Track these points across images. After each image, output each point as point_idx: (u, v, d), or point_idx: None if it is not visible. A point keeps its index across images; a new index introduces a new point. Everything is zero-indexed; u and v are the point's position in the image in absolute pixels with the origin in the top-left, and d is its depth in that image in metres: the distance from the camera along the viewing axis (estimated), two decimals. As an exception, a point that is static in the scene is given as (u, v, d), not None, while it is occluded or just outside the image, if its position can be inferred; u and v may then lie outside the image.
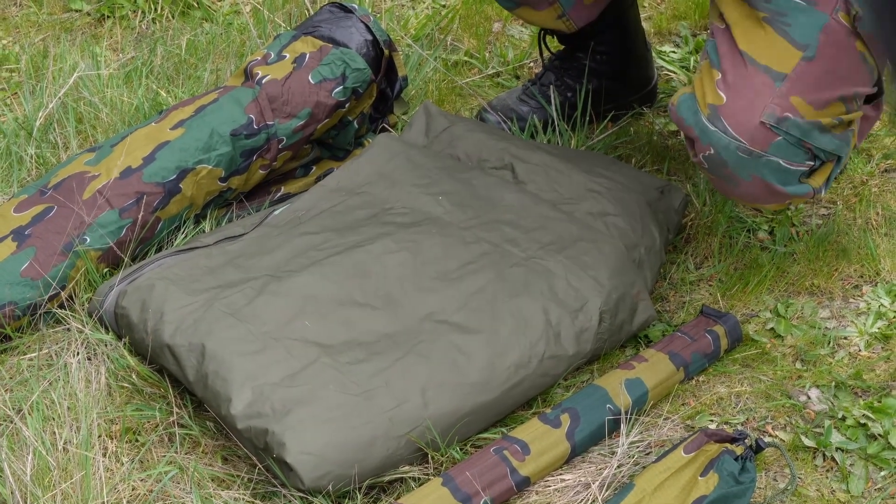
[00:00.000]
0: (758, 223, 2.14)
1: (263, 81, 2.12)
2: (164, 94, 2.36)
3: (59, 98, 2.25)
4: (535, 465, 1.67)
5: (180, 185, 1.99)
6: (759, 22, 1.82)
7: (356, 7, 2.25)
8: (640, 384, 1.78)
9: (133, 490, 1.68)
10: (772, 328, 1.95)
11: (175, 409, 1.76)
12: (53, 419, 1.70)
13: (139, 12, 2.69)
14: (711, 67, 1.83)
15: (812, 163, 1.81)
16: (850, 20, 1.80)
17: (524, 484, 1.66)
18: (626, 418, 1.74)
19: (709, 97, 1.80)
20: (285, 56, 2.17)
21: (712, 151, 1.80)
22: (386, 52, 2.24)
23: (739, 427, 1.78)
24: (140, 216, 1.95)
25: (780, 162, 1.78)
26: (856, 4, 1.78)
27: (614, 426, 1.75)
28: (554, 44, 2.35)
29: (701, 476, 1.64)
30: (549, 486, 1.70)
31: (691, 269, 2.07)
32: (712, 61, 1.83)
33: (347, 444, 1.63)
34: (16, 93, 2.46)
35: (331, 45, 2.19)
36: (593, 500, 1.67)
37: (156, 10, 2.68)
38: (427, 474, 1.68)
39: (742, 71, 1.80)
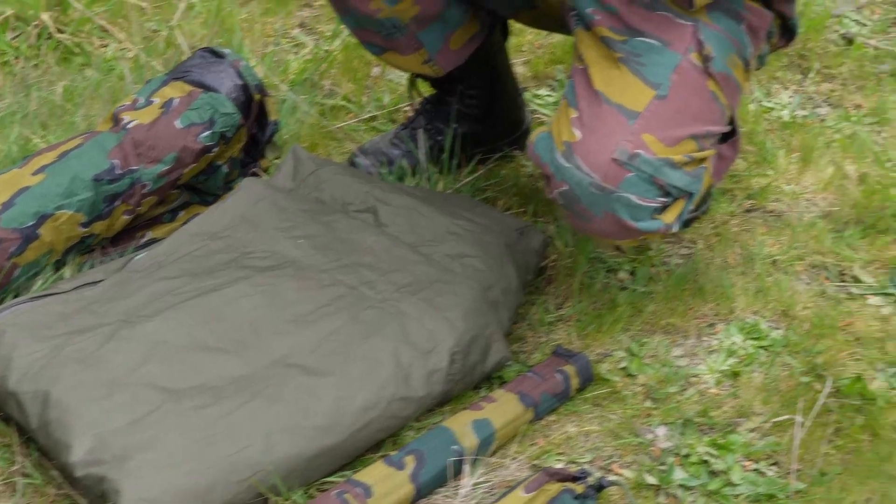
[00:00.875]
0: (619, 263, 2.18)
1: (129, 126, 2.13)
2: (37, 140, 2.37)
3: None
4: None
5: (39, 231, 2.00)
6: (615, 62, 1.86)
7: (228, 52, 2.27)
8: (488, 424, 1.80)
9: (-26, 539, 1.67)
10: (624, 367, 1.98)
11: (19, 458, 1.75)
12: None
13: (21, 58, 2.70)
14: (568, 106, 1.87)
15: (664, 199, 1.85)
16: (702, 60, 1.84)
17: None
18: (471, 459, 1.76)
19: (564, 135, 1.84)
20: (154, 101, 2.19)
21: (567, 187, 1.84)
22: (257, 96, 2.27)
23: (586, 466, 1.81)
24: (-4, 262, 1.96)
25: (632, 198, 1.82)
26: (707, 44, 1.83)
27: (460, 467, 1.76)
28: (426, 87, 2.39)
29: (539, 515, 1.66)
30: (393, 529, 1.71)
31: (551, 309, 2.09)
32: (569, 101, 1.87)
33: (186, 489, 1.64)
34: None
35: (200, 90, 2.21)
36: (434, 542, 1.69)
37: (38, 55, 2.69)
38: (271, 518, 1.69)
39: (596, 109, 1.84)
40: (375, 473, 1.71)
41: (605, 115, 1.83)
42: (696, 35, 1.86)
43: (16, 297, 1.99)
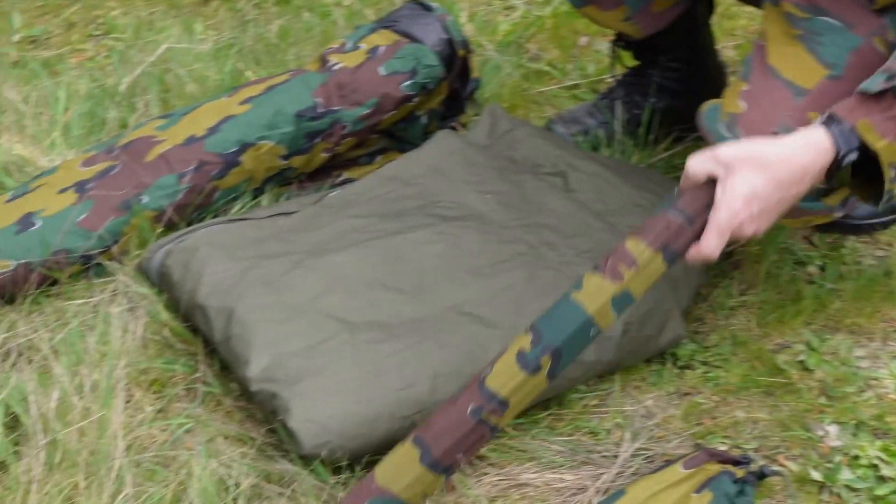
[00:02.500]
0: (809, 257, 2.13)
1: (335, 68, 2.19)
2: (249, 73, 2.45)
3: (146, 66, 2.35)
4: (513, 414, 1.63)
5: (240, 158, 2.07)
6: (793, 39, 1.82)
7: (436, 6, 2.30)
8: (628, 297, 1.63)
9: (150, 437, 1.75)
10: (802, 360, 1.94)
11: (202, 368, 1.83)
12: (85, 362, 1.79)
13: (244, -3, 2.80)
14: (741, 80, 1.84)
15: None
16: (885, 46, 1.78)
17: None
18: (631, 428, 1.76)
19: (730, 106, 1.81)
20: (361, 46, 2.24)
21: None
22: (461, 52, 2.29)
23: (750, 452, 1.78)
24: (198, 183, 2.04)
25: None
26: (892, 32, 1.77)
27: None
28: (629, 59, 2.37)
29: (695, 493, 1.65)
30: (550, 485, 1.73)
31: (734, 294, 2.06)
32: (743, 74, 1.85)
33: (351, 417, 1.68)
34: (119, 59, 2.57)
35: (406, 40, 2.25)
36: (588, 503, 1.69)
37: (259, -4, 2.79)
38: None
39: (766, 84, 1.80)
40: (509, 380, 1.61)
41: (772, 90, 1.79)
42: (882, 21, 1.80)
43: (214, 217, 2.07)
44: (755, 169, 1.60)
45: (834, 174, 1.63)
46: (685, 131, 2.34)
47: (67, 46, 2.62)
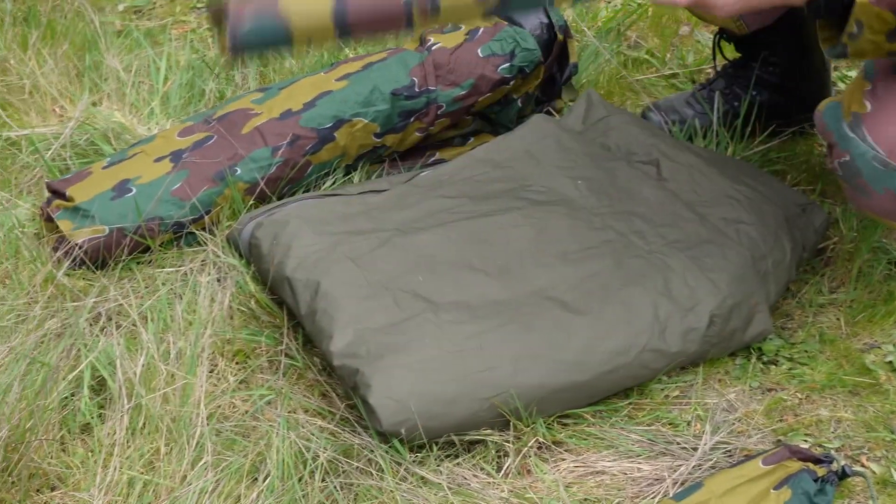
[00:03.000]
0: (905, 256, 2.08)
1: (433, 48, 2.19)
2: (348, 51, 2.46)
3: (246, 40, 2.38)
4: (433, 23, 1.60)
5: (335, 134, 2.09)
6: None
7: (536, -11, 2.29)
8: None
9: (232, 407, 1.78)
10: (890, 361, 1.90)
11: (286, 340, 1.85)
12: (172, 329, 1.82)
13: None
14: (864, 79, 1.80)
15: None
16: None
17: None
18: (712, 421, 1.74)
19: (854, 105, 1.78)
20: (461, 27, 2.24)
21: (848, 158, 1.78)
22: (560, 36, 2.28)
23: (832, 452, 1.75)
24: (291, 157, 2.06)
25: None
26: None
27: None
28: (731, 51, 2.34)
29: (774, 489, 1.63)
30: (626, 474, 1.72)
31: (824, 291, 2.03)
32: (867, 73, 1.81)
33: (431, 396, 1.69)
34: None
35: (506, 23, 2.25)
36: (664, 494, 1.67)
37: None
38: (507, 440, 1.72)
39: (892, 84, 1.77)
40: None
41: None
42: None
43: (306, 192, 2.09)
44: None
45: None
46: (782, 126, 2.31)
47: (170, 17, 2.66)
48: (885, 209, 1.79)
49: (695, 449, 1.73)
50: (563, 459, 1.73)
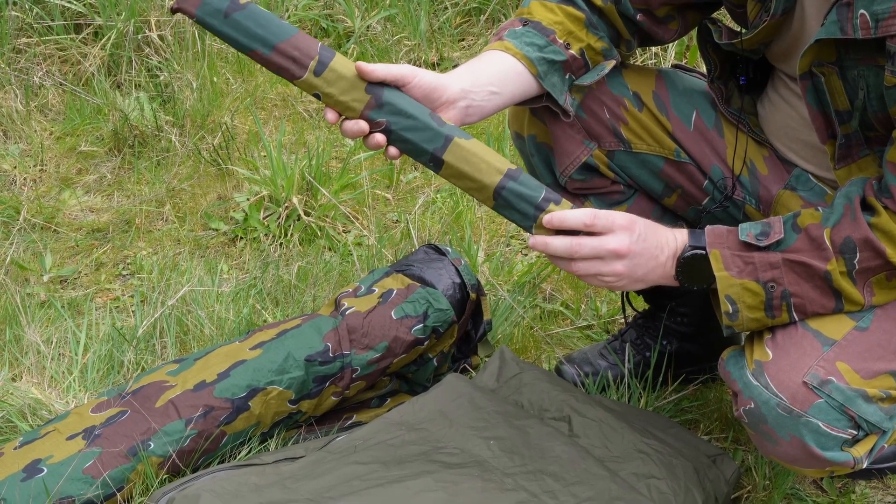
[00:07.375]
0: (818, 504, 2.10)
1: (347, 312, 2.24)
2: (267, 315, 2.51)
3: (166, 309, 2.42)
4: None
5: (249, 403, 2.11)
6: None
7: (450, 250, 2.37)
8: None
9: None
10: None
11: None
12: None
13: (270, 236, 2.89)
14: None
15: (855, 432, 1.79)
16: None
17: None
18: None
19: (756, 353, 1.83)
20: (374, 290, 2.30)
21: (753, 406, 1.81)
22: (472, 295, 2.35)
23: None
24: (205, 428, 2.07)
25: (820, 424, 1.77)
26: None
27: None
28: (639, 302, 2.41)
29: None
30: None
31: (740, 543, 2.04)
32: None
33: None
34: (143, 300, 2.66)
35: (418, 284, 2.31)
36: None
37: (285, 235, 2.87)
38: None
39: (792, 332, 1.82)
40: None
41: (800, 339, 1.81)
42: None
43: (221, 462, 2.10)
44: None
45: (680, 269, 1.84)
46: (694, 373, 2.36)
47: (95, 286, 2.71)
48: (791, 456, 1.82)
49: None
50: None
